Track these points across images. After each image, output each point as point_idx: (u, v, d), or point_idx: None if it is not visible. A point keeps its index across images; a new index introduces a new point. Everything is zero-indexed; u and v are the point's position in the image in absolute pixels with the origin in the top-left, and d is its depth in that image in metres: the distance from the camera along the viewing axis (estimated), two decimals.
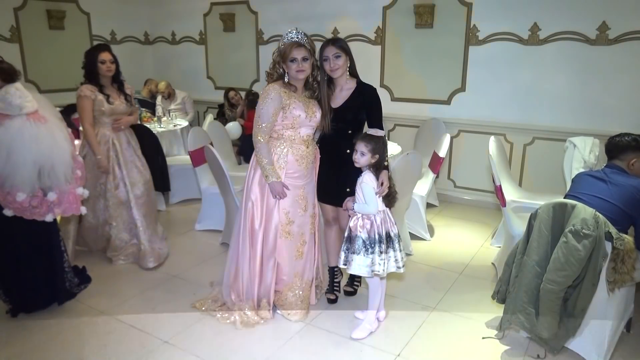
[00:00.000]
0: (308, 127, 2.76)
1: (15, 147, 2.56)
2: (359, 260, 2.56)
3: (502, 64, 4.67)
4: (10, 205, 2.65)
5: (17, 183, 2.59)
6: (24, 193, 2.63)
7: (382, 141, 2.58)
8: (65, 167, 2.74)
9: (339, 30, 5.49)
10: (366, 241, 2.55)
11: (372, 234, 2.55)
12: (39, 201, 2.71)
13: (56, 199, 2.74)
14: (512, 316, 2.48)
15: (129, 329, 2.82)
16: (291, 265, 2.87)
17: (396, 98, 5.29)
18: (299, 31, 2.67)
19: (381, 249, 2.56)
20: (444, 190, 5.17)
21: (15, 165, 2.57)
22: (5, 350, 2.63)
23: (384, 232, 2.58)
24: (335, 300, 3.07)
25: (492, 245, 3.98)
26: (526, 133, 4.66)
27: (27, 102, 2.63)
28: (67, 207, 2.81)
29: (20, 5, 5.71)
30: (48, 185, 2.70)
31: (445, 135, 4.07)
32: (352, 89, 2.79)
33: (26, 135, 2.58)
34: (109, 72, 3.43)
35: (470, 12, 4.71)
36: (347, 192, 2.79)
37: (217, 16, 6.40)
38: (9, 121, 2.58)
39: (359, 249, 2.56)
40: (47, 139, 2.65)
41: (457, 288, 3.29)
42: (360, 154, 2.56)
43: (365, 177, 2.59)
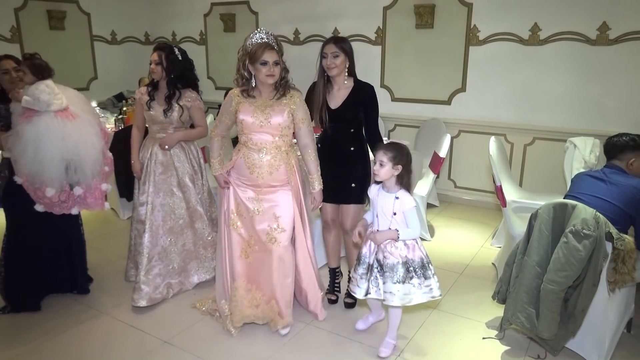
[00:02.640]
0: (261, 133, 2.56)
1: (42, 144, 2.62)
2: (403, 289, 2.33)
3: (502, 64, 4.67)
4: (41, 201, 2.73)
5: (45, 179, 2.66)
6: (53, 189, 2.69)
7: (405, 151, 2.35)
8: (92, 163, 2.79)
9: (339, 30, 5.49)
10: (409, 266, 2.34)
11: (417, 258, 2.36)
12: (67, 196, 2.78)
13: (82, 193, 2.81)
14: (513, 316, 2.48)
15: (128, 329, 2.82)
16: (238, 262, 2.72)
17: (396, 98, 5.29)
18: (268, 32, 2.54)
19: (433, 270, 2.41)
20: (444, 191, 5.17)
21: (43, 161, 2.62)
22: (6, 351, 2.63)
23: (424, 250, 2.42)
24: (336, 300, 3.07)
25: (492, 246, 3.98)
26: (526, 133, 4.65)
27: (55, 99, 2.66)
28: (93, 202, 2.88)
29: (21, 6, 5.72)
30: (75, 181, 2.77)
31: (446, 136, 4.06)
32: (350, 88, 2.79)
33: (52, 133, 2.63)
34: (152, 74, 3.07)
35: (470, 12, 4.71)
36: (353, 187, 2.80)
37: (218, 16, 6.40)
38: (37, 118, 2.63)
39: (401, 277, 2.33)
40: (74, 136, 2.70)
41: (458, 288, 3.29)
42: (380, 165, 2.32)
43: (405, 200, 2.34)
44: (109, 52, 6.69)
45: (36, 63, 2.74)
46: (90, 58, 6.50)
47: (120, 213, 4.64)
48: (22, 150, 2.62)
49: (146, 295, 3.02)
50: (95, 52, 6.54)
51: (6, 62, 2.79)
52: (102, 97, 6.15)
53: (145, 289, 3.03)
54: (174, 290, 3.18)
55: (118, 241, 4.10)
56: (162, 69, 3.02)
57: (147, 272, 3.05)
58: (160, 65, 3.02)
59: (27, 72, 2.71)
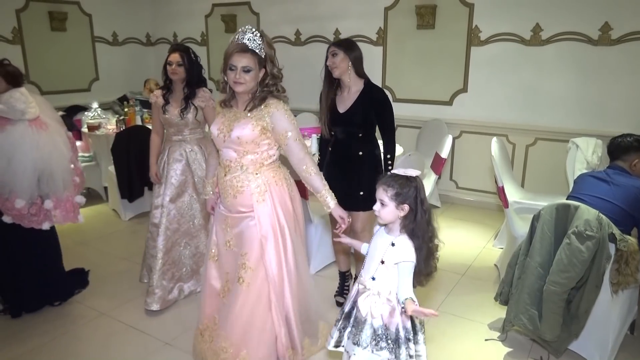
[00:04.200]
0: (226, 148, 2.15)
1: (16, 153, 2.55)
2: (364, 356, 1.77)
3: (504, 65, 4.65)
4: (9, 212, 2.63)
5: (16, 189, 2.58)
6: (23, 200, 2.61)
7: (413, 185, 1.76)
8: (63, 174, 2.72)
9: (340, 31, 5.48)
10: (379, 332, 1.76)
11: (393, 327, 1.76)
12: (37, 209, 2.68)
13: (53, 206, 2.71)
14: (515, 318, 2.47)
15: (129, 330, 2.82)
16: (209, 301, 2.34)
17: (398, 99, 5.28)
18: (255, 32, 2.10)
19: (409, 352, 1.76)
20: (446, 192, 5.16)
21: (15, 172, 2.55)
22: (8, 352, 2.62)
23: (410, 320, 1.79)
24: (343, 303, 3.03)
25: (494, 247, 3.96)
26: (528, 134, 4.64)
27: (30, 108, 2.61)
28: (65, 215, 2.78)
29: (22, 7, 5.72)
30: (46, 193, 2.68)
31: (448, 137, 4.05)
32: (359, 91, 2.72)
33: (27, 142, 2.57)
34: (173, 75, 2.98)
35: (472, 12, 4.70)
36: (361, 195, 2.72)
37: (219, 17, 6.40)
38: (11, 127, 2.57)
39: (365, 341, 1.77)
40: (48, 146, 2.64)
41: (460, 290, 3.28)
42: (380, 204, 1.78)
43: (402, 250, 1.77)
44: (111, 53, 6.69)
45: (10, 70, 2.67)
46: (91, 59, 6.50)
47: (122, 214, 4.64)
48: None
49: (159, 299, 3.01)
50: (96, 53, 6.53)
51: None
52: (103, 98, 6.15)
53: (158, 293, 3.01)
54: (186, 292, 3.17)
55: (119, 242, 4.10)
56: (185, 69, 2.99)
57: (160, 276, 3.03)
58: (183, 66, 2.98)
59: (1, 80, 2.63)
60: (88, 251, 3.74)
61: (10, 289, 2.89)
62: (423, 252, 1.78)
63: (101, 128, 5.07)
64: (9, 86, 2.65)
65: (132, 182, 4.46)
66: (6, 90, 2.62)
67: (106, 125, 5.19)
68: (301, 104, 5.80)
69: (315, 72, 5.64)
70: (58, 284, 3.04)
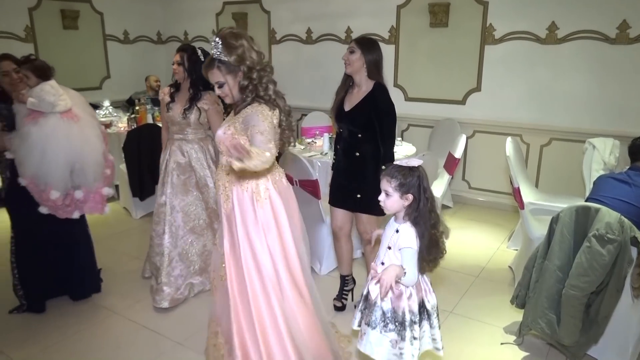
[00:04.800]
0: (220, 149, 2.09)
1: (49, 146, 2.59)
2: (374, 336, 1.86)
3: (518, 64, 4.59)
4: (45, 203, 2.69)
5: (50, 181, 2.63)
6: (58, 191, 2.66)
7: (416, 174, 1.82)
8: (95, 166, 2.77)
9: (352, 29, 5.44)
10: (388, 314, 1.85)
11: (400, 310, 1.84)
12: (70, 199, 2.75)
13: (83, 197, 2.77)
14: (533, 322, 2.42)
15: (141, 330, 2.81)
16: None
17: (410, 98, 5.24)
18: (217, 41, 1.96)
19: (414, 334, 1.84)
20: (458, 192, 5.10)
21: (50, 164, 2.60)
22: (19, 351, 2.63)
23: (417, 304, 1.86)
24: (342, 308, 2.99)
25: (508, 248, 3.90)
26: (543, 134, 4.57)
27: (60, 100, 2.64)
28: (93, 206, 2.84)
29: (35, 5, 5.75)
30: (77, 184, 2.73)
31: (461, 136, 4.00)
32: (366, 92, 2.66)
33: (59, 134, 2.61)
34: (175, 74, 3.04)
35: (486, 10, 4.64)
36: (358, 198, 2.70)
37: (230, 15, 6.38)
38: (43, 119, 2.61)
39: (375, 322, 1.86)
40: (79, 138, 2.68)
41: (474, 292, 3.23)
42: (385, 195, 1.84)
43: (403, 236, 1.84)
44: (122, 51, 6.70)
45: (38, 65, 2.71)
46: (103, 57, 6.52)
47: (133, 212, 4.64)
48: (28, 152, 2.59)
49: (168, 296, 3.02)
50: (107, 51, 6.55)
51: (5, 63, 2.76)
52: (114, 97, 6.16)
53: (167, 290, 3.02)
54: (195, 290, 3.17)
55: (131, 241, 4.10)
56: (184, 69, 3.01)
57: (168, 274, 3.05)
58: (182, 66, 3.00)
59: (30, 75, 2.67)
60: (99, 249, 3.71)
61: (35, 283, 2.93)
62: (425, 239, 1.83)
63: (112, 126, 5.08)
64: (39, 80, 2.68)
65: (143, 180, 4.46)
66: (36, 84, 2.66)
67: (117, 123, 5.20)
68: (312, 102, 5.78)
69: (326, 70, 5.66)
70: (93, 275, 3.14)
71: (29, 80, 2.68)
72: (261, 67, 2.01)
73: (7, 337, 2.75)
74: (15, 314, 2.96)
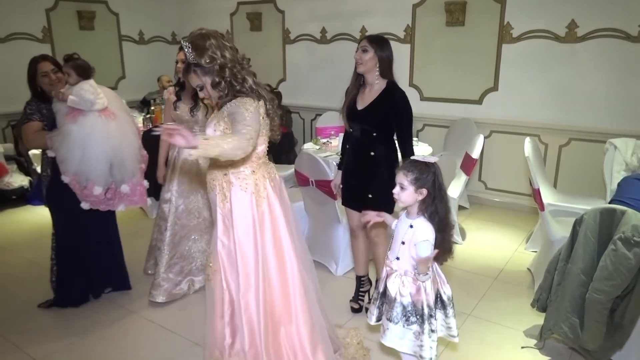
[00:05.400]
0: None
1: (89, 143, 2.65)
2: (397, 330, 1.95)
3: (537, 63, 4.52)
4: (88, 199, 2.76)
5: (92, 177, 2.69)
6: (100, 187, 2.73)
7: (431, 170, 1.89)
8: (133, 161, 2.83)
9: (367, 28, 5.41)
10: (408, 308, 1.93)
11: (420, 304, 1.92)
12: (113, 193, 2.82)
13: (129, 190, 2.84)
14: (555, 326, 2.38)
15: (159, 330, 2.82)
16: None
17: (425, 97, 5.19)
18: (187, 45, 1.93)
19: (432, 327, 1.92)
20: (474, 192, 5.04)
21: (90, 160, 2.66)
22: (39, 348, 2.65)
23: (433, 297, 1.95)
24: (359, 309, 2.97)
25: (526, 250, 3.84)
26: (562, 134, 4.50)
27: (99, 98, 2.69)
28: (139, 198, 2.93)
29: (52, 7, 5.81)
30: (119, 179, 2.79)
31: (479, 136, 3.95)
32: (380, 90, 2.63)
33: (98, 132, 2.66)
34: (178, 72, 3.07)
35: (504, 9, 4.58)
36: (370, 198, 2.66)
37: (244, 15, 6.39)
38: (82, 118, 2.66)
39: (397, 317, 1.94)
40: (117, 135, 2.73)
41: (493, 294, 3.19)
42: (400, 188, 1.90)
43: (418, 230, 1.90)
44: (137, 51, 6.75)
45: (80, 64, 2.76)
46: (118, 58, 6.57)
47: (149, 212, 4.66)
48: (69, 150, 2.64)
49: (165, 291, 3.09)
50: (123, 51, 6.60)
51: (44, 64, 2.79)
52: (129, 97, 6.19)
53: (164, 285, 3.09)
54: (196, 287, 3.20)
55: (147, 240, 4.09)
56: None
57: (167, 270, 3.10)
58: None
59: (72, 73, 2.72)
60: None
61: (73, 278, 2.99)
62: (442, 232, 1.92)
63: None
64: (79, 78, 2.73)
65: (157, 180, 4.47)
66: (76, 83, 2.71)
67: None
68: (326, 102, 5.77)
69: (340, 70, 5.64)
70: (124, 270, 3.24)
71: (69, 77, 2.72)
72: (233, 63, 1.97)
73: (30, 334, 2.78)
74: (43, 308, 3.02)
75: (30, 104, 2.80)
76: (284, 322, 2.15)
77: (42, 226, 4.41)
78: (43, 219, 4.67)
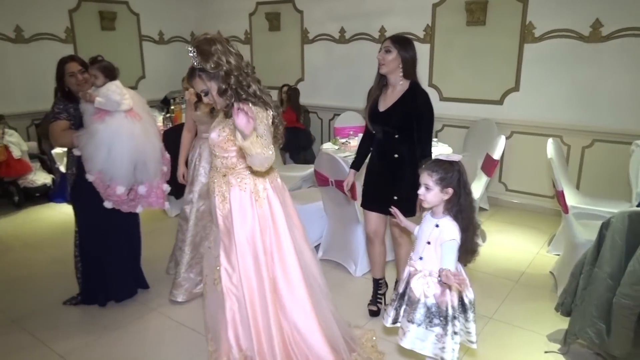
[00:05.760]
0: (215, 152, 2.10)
1: (115, 143, 2.68)
2: (419, 332, 1.93)
3: (560, 63, 4.45)
4: (111, 198, 2.79)
5: (116, 177, 2.73)
6: (123, 186, 2.76)
7: (456, 169, 1.89)
8: (155, 163, 2.85)
9: (386, 28, 5.39)
10: (432, 309, 1.91)
11: (444, 305, 1.90)
12: (134, 194, 2.85)
13: (146, 192, 2.86)
14: (580, 331, 2.34)
15: (180, 328, 2.84)
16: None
17: (445, 98, 5.15)
18: (192, 50, 1.93)
19: (455, 329, 1.91)
20: (494, 194, 4.98)
21: (115, 160, 2.69)
22: (63, 344, 2.69)
23: (458, 298, 1.93)
24: (377, 312, 2.95)
25: (549, 253, 3.78)
26: (585, 135, 4.42)
27: (125, 99, 2.73)
28: (154, 200, 2.94)
29: (75, 7, 5.90)
30: (140, 180, 2.82)
31: (500, 137, 3.90)
32: (402, 91, 2.59)
33: (124, 132, 2.70)
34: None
35: (526, 8, 4.51)
36: (395, 200, 2.62)
37: (263, 15, 6.41)
38: (109, 118, 2.70)
39: (419, 319, 1.93)
40: (142, 136, 2.77)
41: (514, 297, 3.14)
42: (425, 189, 1.90)
43: (445, 230, 1.89)
44: (156, 51, 6.82)
45: (106, 65, 2.81)
46: (138, 57, 6.65)
47: (168, 211, 4.70)
48: (96, 149, 2.68)
49: (186, 291, 3.12)
50: (143, 51, 6.68)
51: (72, 64, 2.83)
52: (149, 96, 6.24)
53: (185, 285, 3.12)
54: None
55: (166, 239, 4.13)
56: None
57: (187, 270, 3.13)
58: None
59: (99, 75, 2.77)
60: None
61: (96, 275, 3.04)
62: (468, 232, 1.91)
63: None
64: (107, 80, 2.78)
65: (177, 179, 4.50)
66: (104, 84, 2.76)
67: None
68: (344, 102, 5.76)
69: (358, 70, 5.62)
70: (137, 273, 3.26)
71: (96, 80, 2.76)
72: (239, 71, 1.96)
73: (55, 330, 2.83)
74: (68, 305, 3.08)
75: (58, 103, 2.85)
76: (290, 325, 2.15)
77: (65, 223, 4.48)
78: (65, 216, 4.75)
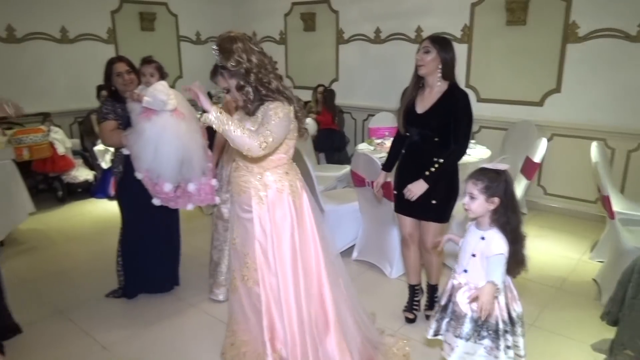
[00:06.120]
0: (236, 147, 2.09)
1: (162, 141, 2.74)
2: (467, 347, 1.86)
3: (604, 63, 4.30)
4: (158, 195, 2.86)
5: (163, 174, 2.79)
6: (170, 184, 2.83)
7: (502, 178, 1.82)
8: (200, 160, 2.90)
9: (422, 28, 5.33)
10: (479, 322, 1.85)
11: (493, 319, 1.85)
12: (182, 191, 2.91)
13: (195, 189, 2.91)
14: (629, 341, 2.24)
15: (217, 323, 2.88)
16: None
17: (482, 99, 5.05)
18: (215, 48, 1.98)
19: (507, 343, 1.85)
20: (532, 197, 4.86)
21: (162, 158, 2.75)
22: (105, 335, 2.78)
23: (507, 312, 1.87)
24: (413, 319, 2.90)
25: (592, 260, 3.67)
26: (631, 138, 4.26)
27: (170, 99, 2.79)
28: (205, 197, 2.99)
29: (117, 9, 6.07)
30: (187, 178, 2.87)
31: (542, 140, 3.80)
32: (441, 93, 2.54)
33: (169, 131, 2.75)
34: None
35: (569, 7, 4.39)
36: (433, 204, 2.58)
37: (298, 16, 6.45)
38: (156, 117, 2.76)
39: (467, 334, 1.86)
40: (187, 134, 2.82)
41: (556, 304, 3.06)
42: (470, 198, 1.84)
43: (492, 243, 1.81)
44: (194, 51, 6.94)
45: (160, 65, 2.89)
46: (176, 57, 6.78)
47: (204, 208, 4.78)
48: (143, 148, 2.75)
49: (226, 290, 3.08)
50: (181, 51, 6.82)
51: (120, 65, 2.91)
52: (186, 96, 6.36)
53: (226, 285, 3.08)
54: None
55: (202, 236, 4.20)
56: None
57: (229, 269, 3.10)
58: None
59: (156, 73, 2.84)
60: None
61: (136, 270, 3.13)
62: (515, 244, 1.84)
63: None
64: (160, 79, 2.85)
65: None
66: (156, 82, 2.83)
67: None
68: (379, 102, 5.73)
69: (393, 70, 5.58)
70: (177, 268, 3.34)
71: (152, 78, 2.83)
72: (259, 68, 1.97)
73: (98, 321, 2.92)
74: (111, 297, 3.18)
75: (106, 103, 2.94)
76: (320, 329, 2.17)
77: (106, 219, 4.62)
78: (105, 212, 4.90)
